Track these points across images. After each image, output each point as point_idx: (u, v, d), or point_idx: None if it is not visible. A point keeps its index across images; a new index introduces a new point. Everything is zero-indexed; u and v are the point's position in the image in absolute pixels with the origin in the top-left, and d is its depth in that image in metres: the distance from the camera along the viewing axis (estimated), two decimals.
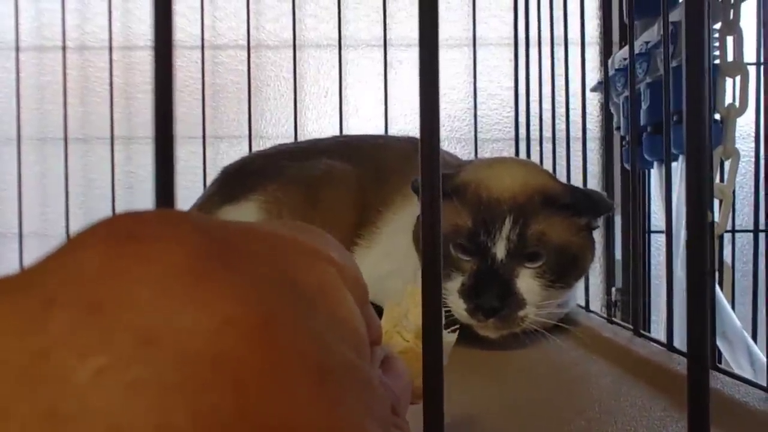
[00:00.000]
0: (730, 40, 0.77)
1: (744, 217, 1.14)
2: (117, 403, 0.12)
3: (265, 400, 0.13)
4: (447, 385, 0.33)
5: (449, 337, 0.32)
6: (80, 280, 0.14)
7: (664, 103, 0.63)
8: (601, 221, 0.77)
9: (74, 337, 0.12)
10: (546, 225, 0.69)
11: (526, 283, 0.68)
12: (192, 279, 0.14)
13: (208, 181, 1.03)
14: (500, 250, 0.68)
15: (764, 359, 0.76)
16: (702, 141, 0.22)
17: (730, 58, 0.79)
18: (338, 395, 0.15)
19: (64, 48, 1.16)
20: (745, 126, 1.00)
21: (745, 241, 1.11)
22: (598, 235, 0.83)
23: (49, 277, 0.14)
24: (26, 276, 0.14)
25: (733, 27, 0.76)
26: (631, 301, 0.71)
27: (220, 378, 0.13)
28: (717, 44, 0.79)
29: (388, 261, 0.80)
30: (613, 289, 1.15)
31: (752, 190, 1.02)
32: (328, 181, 0.88)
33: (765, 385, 0.48)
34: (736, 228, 1.07)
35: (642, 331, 0.67)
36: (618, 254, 1.16)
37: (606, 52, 1.15)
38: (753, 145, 0.96)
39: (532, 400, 0.54)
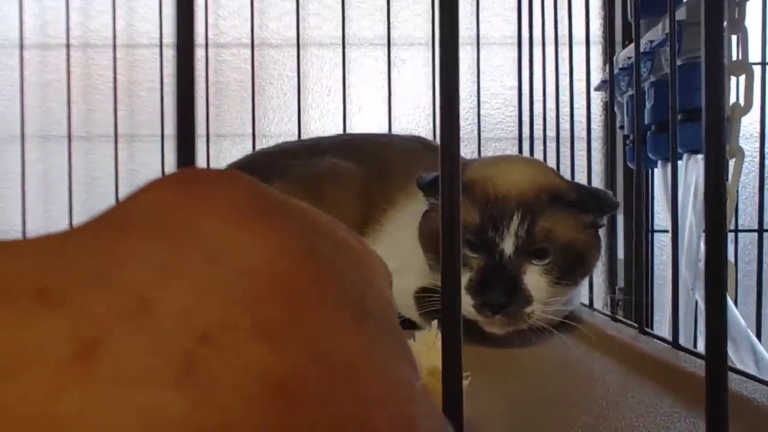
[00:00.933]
0: (734, 38, 0.77)
1: (747, 216, 1.14)
2: (184, 305, 0.13)
3: (312, 318, 0.14)
4: None
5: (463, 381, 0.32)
6: (152, 212, 0.15)
7: (671, 102, 0.63)
8: (606, 220, 0.77)
9: (146, 253, 0.14)
10: (553, 222, 0.69)
11: (534, 279, 0.68)
12: (247, 216, 0.15)
13: None
14: (508, 246, 0.68)
15: None
16: (720, 136, 0.22)
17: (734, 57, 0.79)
18: (376, 331, 0.16)
19: (68, 46, 1.16)
20: (748, 126, 1.00)
21: (747, 240, 1.12)
22: (601, 234, 0.83)
23: (123, 211, 0.16)
24: (101, 215, 0.16)
25: (737, 26, 0.76)
26: (634, 299, 0.71)
27: (276, 294, 0.14)
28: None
29: (392, 259, 0.79)
30: (616, 288, 1.15)
31: (756, 189, 1.02)
32: (331, 179, 0.88)
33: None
34: (740, 228, 1.07)
35: (646, 329, 0.67)
36: (621, 253, 1.16)
37: (610, 51, 1.15)
38: (758, 144, 0.96)
39: (538, 398, 0.54)
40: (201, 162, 1.14)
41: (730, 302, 0.79)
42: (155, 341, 0.12)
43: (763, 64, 0.83)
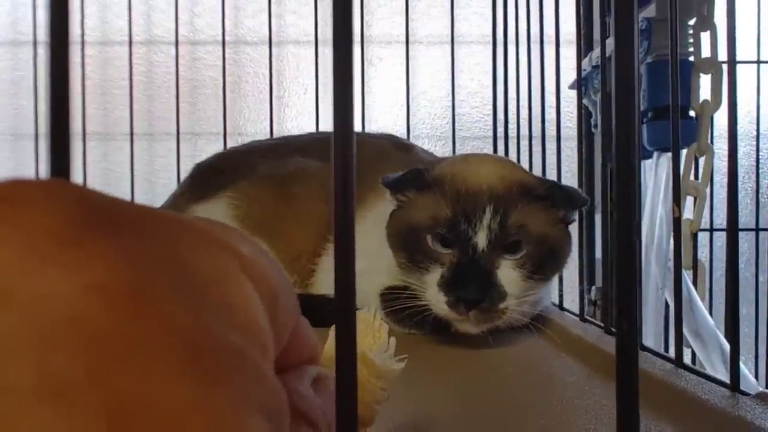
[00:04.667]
0: (704, 36, 0.77)
1: (725, 216, 1.14)
2: None
3: (121, 368, 0.12)
4: (409, 379, 0.32)
5: (395, 365, 0.31)
6: None
7: (650, 100, 0.62)
8: (576, 215, 0.76)
9: None
10: (526, 215, 0.68)
11: (507, 274, 0.66)
12: (60, 242, 0.13)
13: (183, 178, 1.01)
14: (482, 240, 0.66)
15: None
16: (633, 131, 0.21)
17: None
18: (211, 377, 0.14)
19: (34, 43, 1.14)
20: (726, 124, 1.00)
21: (724, 240, 1.11)
22: (577, 234, 0.83)
23: None
24: None
25: (707, 23, 0.76)
26: (600, 299, 0.70)
27: (72, 341, 0.12)
28: (692, 40, 0.78)
29: (360, 259, 0.78)
30: (593, 288, 1.14)
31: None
32: (300, 178, 0.87)
33: (728, 382, 0.48)
34: (716, 226, 1.07)
35: (612, 329, 0.66)
36: (598, 253, 1.15)
37: (586, 49, 1.14)
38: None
39: (495, 399, 0.53)
40: (170, 161, 1.13)
41: (699, 302, 0.78)
42: None
43: (730, 62, 0.82)
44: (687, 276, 0.80)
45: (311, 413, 0.20)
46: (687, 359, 0.56)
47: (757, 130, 1.12)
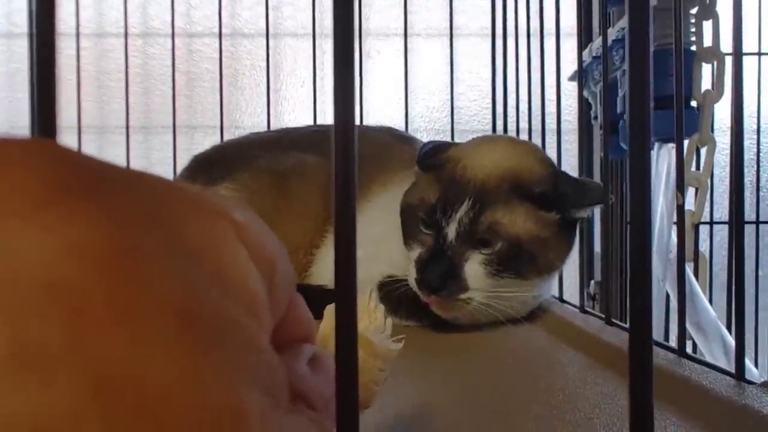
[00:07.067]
0: (705, 25, 0.76)
1: (725, 210, 1.13)
2: None
3: (105, 335, 0.11)
4: (409, 369, 0.32)
5: (393, 346, 0.30)
6: None
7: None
8: (583, 213, 0.73)
9: None
10: (505, 214, 0.68)
11: (474, 268, 0.68)
12: (40, 202, 0.12)
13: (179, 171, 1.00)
14: (451, 231, 0.68)
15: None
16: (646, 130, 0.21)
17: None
18: (202, 347, 0.13)
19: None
20: (726, 118, 1.00)
21: (726, 233, 1.11)
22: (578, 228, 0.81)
23: None
24: None
25: (709, 12, 0.75)
26: (599, 292, 0.69)
27: (51, 306, 0.11)
28: (693, 29, 0.77)
29: (360, 248, 0.78)
30: (592, 282, 1.14)
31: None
32: (298, 171, 0.87)
33: (733, 371, 0.47)
34: (716, 220, 1.06)
35: (614, 320, 0.66)
36: (597, 247, 1.14)
37: (578, 40, 1.13)
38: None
39: (496, 387, 0.52)
40: (166, 154, 1.12)
41: (700, 294, 0.78)
42: None
43: (736, 54, 0.81)
44: (688, 268, 0.79)
45: (309, 393, 0.19)
46: (688, 350, 0.56)
47: (758, 123, 1.12)
